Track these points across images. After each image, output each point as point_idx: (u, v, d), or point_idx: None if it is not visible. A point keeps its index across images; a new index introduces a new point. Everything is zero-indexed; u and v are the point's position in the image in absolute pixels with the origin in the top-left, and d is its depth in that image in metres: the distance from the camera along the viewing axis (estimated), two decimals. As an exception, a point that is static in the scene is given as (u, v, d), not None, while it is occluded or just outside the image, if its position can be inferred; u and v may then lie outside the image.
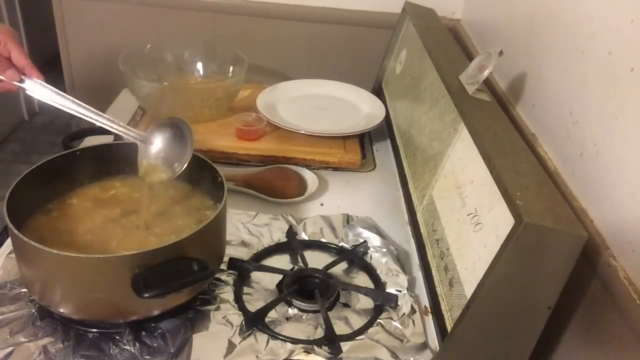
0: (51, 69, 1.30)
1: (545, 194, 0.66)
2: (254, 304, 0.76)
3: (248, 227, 0.90)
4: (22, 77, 0.74)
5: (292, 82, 1.33)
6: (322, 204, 1.01)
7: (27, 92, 0.75)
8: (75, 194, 0.81)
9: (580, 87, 0.75)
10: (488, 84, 0.97)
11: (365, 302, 0.79)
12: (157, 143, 0.78)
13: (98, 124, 0.75)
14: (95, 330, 0.69)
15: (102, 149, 0.84)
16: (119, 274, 0.62)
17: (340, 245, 0.89)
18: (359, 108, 1.27)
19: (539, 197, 0.64)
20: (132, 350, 0.68)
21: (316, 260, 0.85)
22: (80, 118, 0.74)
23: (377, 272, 0.84)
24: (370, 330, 0.74)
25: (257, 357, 0.69)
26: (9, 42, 0.74)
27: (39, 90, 0.74)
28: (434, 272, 0.81)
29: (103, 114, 0.75)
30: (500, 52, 0.84)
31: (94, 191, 0.82)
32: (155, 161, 0.78)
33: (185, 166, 0.76)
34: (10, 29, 0.76)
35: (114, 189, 0.83)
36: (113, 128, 0.75)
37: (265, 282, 0.81)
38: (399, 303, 0.78)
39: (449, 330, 0.71)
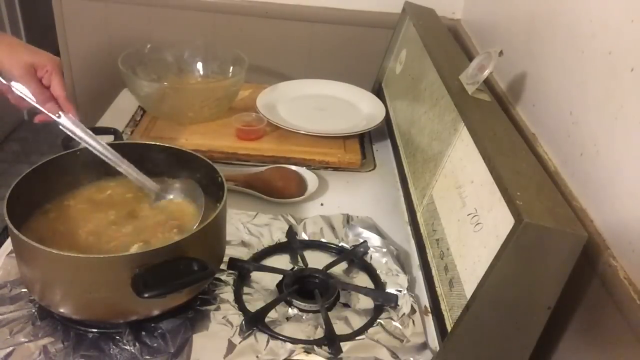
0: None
1: (545, 194, 0.66)
2: (254, 304, 0.76)
3: (248, 227, 0.90)
4: (60, 112, 0.76)
5: (292, 82, 1.33)
6: (322, 204, 1.01)
7: (60, 126, 0.77)
8: (72, 194, 0.81)
9: (580, 87, 0.75)
10: (488, 84, 0.97)
11: (365, 302, 0.79)
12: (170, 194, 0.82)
13: (120, 169, 0.78)
14: (95, 330, 0.69)
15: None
16: (119, 274, 0.62)
17: (340, 245, 0.89)
18: (359, 108, 1.27)
19: (539, 197, 0.64)
20: (132, 350, 0.68)
21: (316, 260, 0.85)
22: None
23: (377, 272, 0.84)
24: (370, 330, 0.74)
25: (257, 357, 0.69)
26: (54, 72, 0.75)
27: (71, 126, 0.77)
28: (434, 272, 0.81)
29: (125, 160, 0.78)
30: (500, 52, 0.84)
31: (90, 192, 0.82)
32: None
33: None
34: (57, 59, 0.77)
35: (109, 189, 0.83)
36: (132, 175, 0.79)
37: (265, 282, 0.81)
38: (399, 303, 0.78)
39: (449, 330, 0.71)
